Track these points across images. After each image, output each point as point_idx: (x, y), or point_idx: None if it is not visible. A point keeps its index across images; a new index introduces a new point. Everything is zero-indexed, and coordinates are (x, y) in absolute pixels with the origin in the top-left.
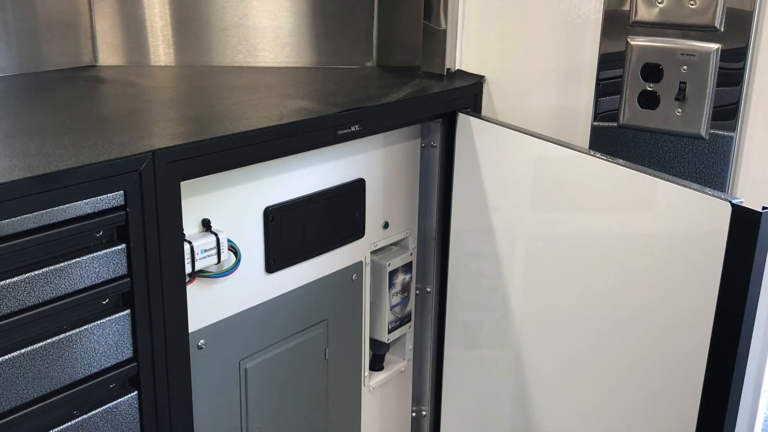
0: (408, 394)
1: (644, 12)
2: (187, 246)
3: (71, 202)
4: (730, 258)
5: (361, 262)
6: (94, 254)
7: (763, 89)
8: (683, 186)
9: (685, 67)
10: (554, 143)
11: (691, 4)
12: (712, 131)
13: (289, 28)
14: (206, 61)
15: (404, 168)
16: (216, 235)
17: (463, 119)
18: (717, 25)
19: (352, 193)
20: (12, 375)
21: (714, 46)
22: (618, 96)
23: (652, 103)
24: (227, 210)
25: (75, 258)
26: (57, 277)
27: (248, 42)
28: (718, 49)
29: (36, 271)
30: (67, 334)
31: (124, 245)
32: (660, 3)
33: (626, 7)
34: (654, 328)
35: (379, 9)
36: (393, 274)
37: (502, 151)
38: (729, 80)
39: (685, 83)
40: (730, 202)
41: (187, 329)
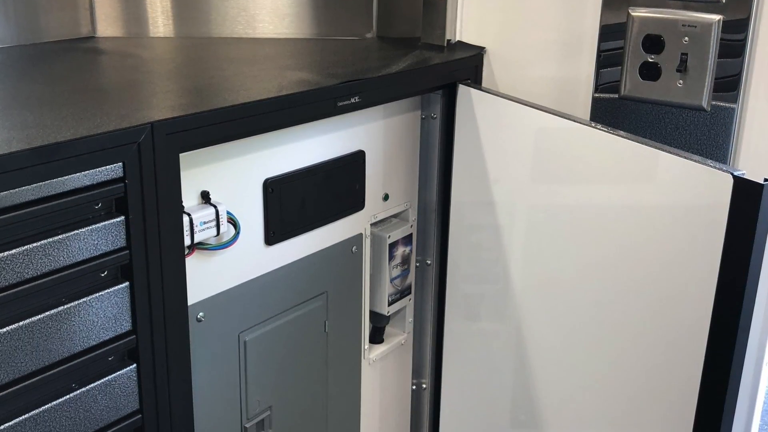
0: (408, 367)
1: None
2: (186, 218)
3: (69, 174)
4: (732, 230)
5: (360, 234)
6: (93, 226)
7: (765, 61)
8: (685, 158)
9: (686, 38)
10: (555, 115)
11: None
12: (714, 103)
13: None
14: (205, 33)
15: (404, 140)
16: (215, 207)
17: (463, 91)
18: None
19: (352, 164)
20: (10, 348)
21: (715, 17)
22: (619, 67)
23: (653, 75)
24: (226, 182)
25: (73, 230)
26: (55, 250)
27: (247, 13)
28: (719, 20)
29: (34, 244)
30: (65, 306)
31: (122, 217)
32: None
33: None
34: (655, 300)
35: None
36: (393, 246)
37: (503, 122)
38: (731, 51)
39: (686, 54)
40: (732, 174)
41: (186, 302)
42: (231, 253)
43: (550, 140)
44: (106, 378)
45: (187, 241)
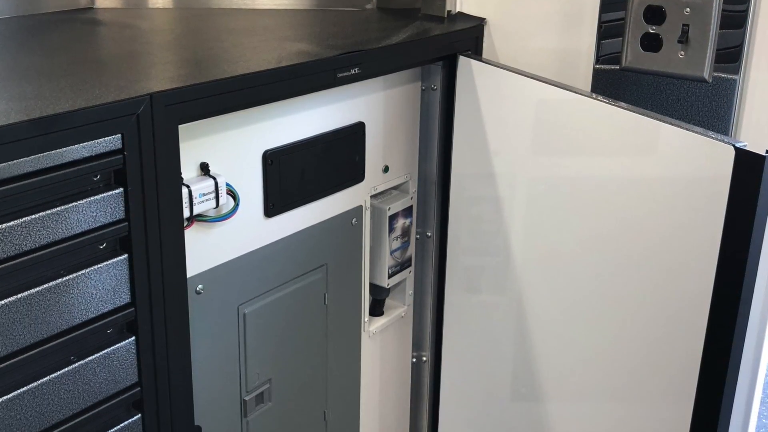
0: (408, 340)
1: None
2: (185, 190)
3: (68, 146)
4: (734, 202)
5: (360, 206)
6: (92, 198)
7: (766, 32)
8: (686, 129)
9: (687, 9)
10: (556, 86)
11: None
12: (716, 74)
13: None
14: (204, 3)
15: (404, 111)
16: (214, 179)
17: (463, 62)
18: None
19: (352, 136)
20: (8, 320)
21: None
22: (620, 39)
23: (654, 46)
24: (226, 154)
25: (72, 202)
26: (54, 222)
27: None
28: None
29: (32, 215)
30: (64, 278)
31: (121, 189)
32: None
33: None
34: (656, 272)
35: None
36: (393, 218)
37: (503, 94)
38: (732, 23)
39: (687, 26)
40: (734, 145)
41: (185, 274)
42: (230, 226)
43: (551, 112)
44: (105, 351)
45: (186, 213)
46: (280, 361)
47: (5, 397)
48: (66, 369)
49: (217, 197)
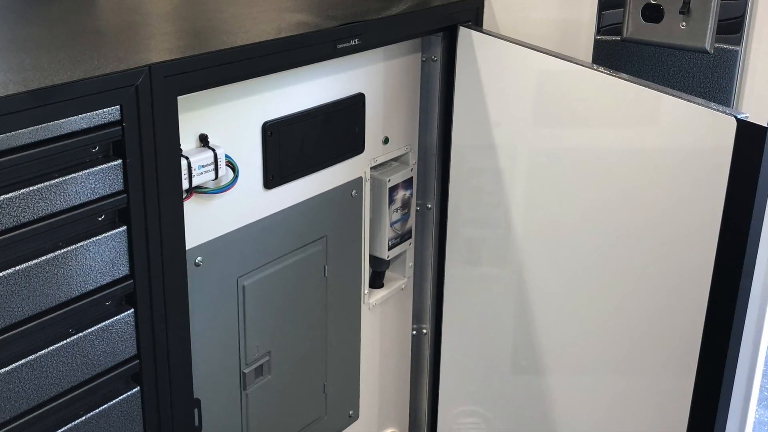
0: (408, 312)
1: None
2: (184, 161)
3: (67, 117)
4: (735, 173)
5: (360, 177)
6: (90, 170)
7: None
8: (688, 101)
9: None
10: (557, 57)
11: None
12: (717, 45)
13: None
14: None
15: (404, 82)
16: (213, 150)
17: (464, 33)
18: None
19: (352, 107)
20: (6, 292)
21: None
22: (621, 9)
23: (656, 17)
24: (225, 125)
25: (70, 174)
26: (52, 193)
27: None
28: None
29: (31, 187)
30: (62, 251)
31: (120, 161)
32: None
33: None
34: (658, 244)
35: None
36: (393, 190)
37: (504, 65)
38: None
39: None
40: (735, 117)
41: (184, 246)
42: (229, 197)
43: (552, 83)
44: (104, 323)
45: (185, 185)
46: (279, 334)
47: (4, 370)
48: (64, 341)
49: (216, 169)
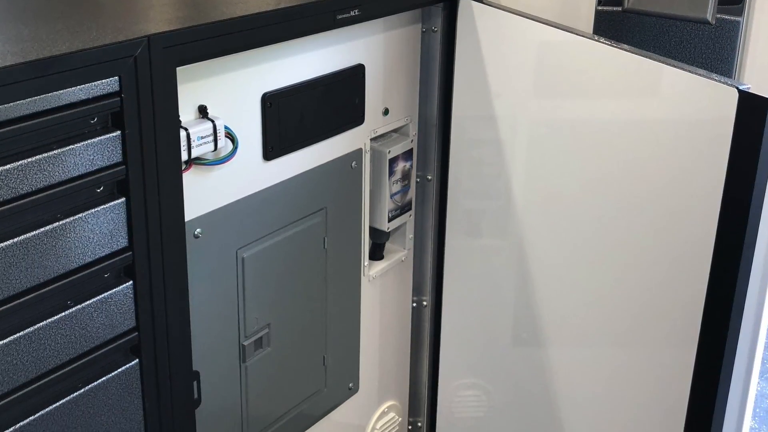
0: (408, 284)
1: None
2: (183, 133)
3: (65, 88)
4: (737, 145)
5: (360, 149)
6: (89, 141)
7: None
8: (689, 72)
9: None
10: (557, 28)
11: None
12: (719, 16)
13: None
14: None
15: (405, 53)
16: (213, 121)
17: (464, 3)
18: None
19: (352, 78)
20: (5, 264)
21: None
22: None
23: None
24: (224, 96)
25: (69, 145)
26: (50, 165)
27: None
28: None
29: (29, 159)
30: (60, 222)
31: (119, 132)
32: None
33: None
34: (659, 216)
35: None
36: (393, 161)
37: (505, 36)
38: None
39: None
40: (737, 88)
41: (183, 218)
42: (229, 169)
43: (553, 54)
44: (102, 295)
45: (184, 156)
46: (279, 306)
47: (2, 342)
48: (63, 314)
49: (215, 140)
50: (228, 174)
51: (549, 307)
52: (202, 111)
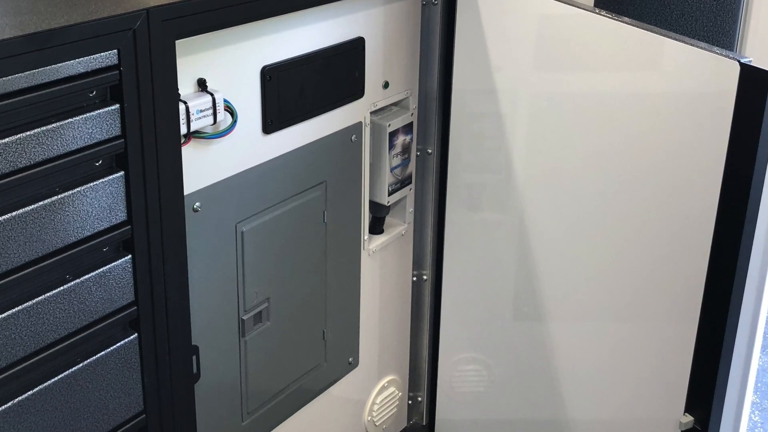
0: (408, 258)
1: None
2: (182, 106)
3: (64, 62)
4: (739, 118)
5: (360, 122)
6: (87, 114)
7: None
8: (690, 45)
9: None
10: (558, 1)
11: None
12: None
13: None
14: None
15: (405, 26)
16: (212, 95)
17: None
18: None
19: (352, 51)
20: (3, 238)
21: None
22: None
23: None
24: (223, 69)
25: (67, 118)
26: (49, 138)
27: None
28: None
29: (27, 132)
30: (59, 196)
31: (117, 105)
32: None
33: None
34: (660, 189)
35: None
36: (393, 134)
37: (505, 8)
38: None
39: None
40: (739, 61)
41: (182, 191)
42: (228, 142)
43: (554, 27)
44: (101, 269)
45: (183, 130)
46: (278, 280)
47: (1, 316)
48: (62, 288)
49: (214, 113)
50: (227, 148)
51: (549, 281)
52: (201, 84)
